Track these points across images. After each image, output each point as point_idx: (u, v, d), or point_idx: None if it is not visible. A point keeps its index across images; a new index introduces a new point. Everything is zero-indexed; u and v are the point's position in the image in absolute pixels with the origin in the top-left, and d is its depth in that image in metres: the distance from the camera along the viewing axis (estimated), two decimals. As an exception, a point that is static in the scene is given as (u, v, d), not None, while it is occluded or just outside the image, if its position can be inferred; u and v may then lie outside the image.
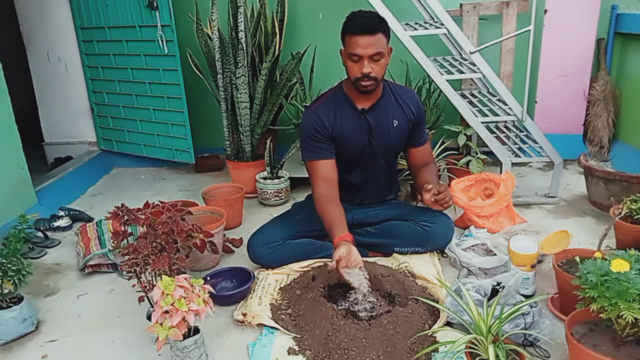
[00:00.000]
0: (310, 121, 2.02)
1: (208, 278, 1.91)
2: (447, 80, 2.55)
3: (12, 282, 1.72)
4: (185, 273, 1.56)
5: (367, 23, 1.85)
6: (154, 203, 1.74)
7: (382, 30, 1.86)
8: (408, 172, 2.42)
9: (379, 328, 1.57)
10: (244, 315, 1.75)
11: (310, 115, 2.04)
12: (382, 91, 2.05)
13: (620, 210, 1.96)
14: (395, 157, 2.26)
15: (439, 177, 2.15)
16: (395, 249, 2.11)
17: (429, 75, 2.62)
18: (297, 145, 2.73)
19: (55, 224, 2.59)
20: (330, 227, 1.86)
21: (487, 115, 2.67)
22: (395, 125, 2.07)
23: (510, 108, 2.62)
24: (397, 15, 2.50)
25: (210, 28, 2.87)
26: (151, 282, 1.61)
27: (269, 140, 2.85)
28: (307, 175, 2.22)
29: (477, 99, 2.94)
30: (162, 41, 3.05)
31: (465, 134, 2.68)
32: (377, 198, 2.23)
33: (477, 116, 2.60)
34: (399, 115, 2.07)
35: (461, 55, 3.03)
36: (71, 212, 2.72)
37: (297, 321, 1.72)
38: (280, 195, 2.83)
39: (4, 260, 1.71)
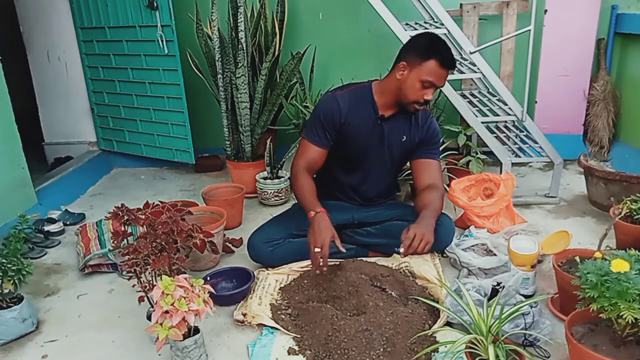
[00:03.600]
0: (327, 106, 2.01)
1: (208, 278, 1.91)
2: (447, 80, 2.54)
3: (12, 282, 1.71)
4: (185, 273, 1.56)
5: (454, 60, 1.91)
6: (154, 203, 1.74)
7: None
8: (409, 171, 2.41)
9: (379, 328, 1.57)
10: (244, 315, 1.75)
11: (329, 100, 2.03)
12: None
13: (620, 210, 1.96)
14: (397, 169, 2.25)
15: (439, 209, 1.99)
16: (396, 249, 2.11)
17: (429, 75, 2.62)
18: (297, 146, 2.73)
19: (47, 228, 2.55)
20: (308, 199, 1.93)
21: (487, 115, 2.67)
22: (403, 140, 2.08)
23: (510, 108, 2.62)
24: (397, 15, 2.51)
25: (210, 28, 2.87)
26: (151, 282, 1.61)
27: (269, 140, 2.85)
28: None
29: (477, 99, 2.94)
30: (162, 41, 3.05)
31: (465, 134, 2.68)
32: (374, 201, 2.23)
33: (477, 116, 2.60)
34: (408, 132, 2.07)
35: (461, 55, 3.03)
36: (67, 217, 2.70)
37: (297, 321, 1.72)
38: (280, 195, 2.83)
39: (4, 260, 1.71)
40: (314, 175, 2.10)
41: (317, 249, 1.77)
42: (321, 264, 1.76)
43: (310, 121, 2.08)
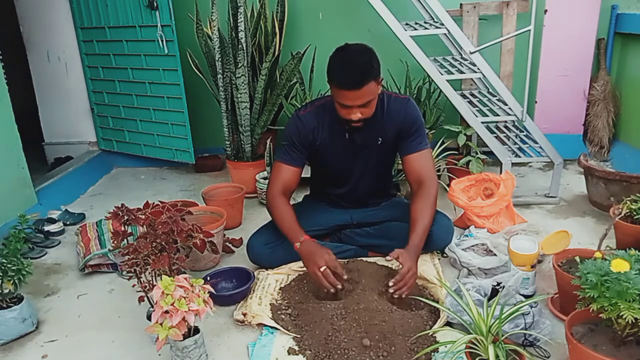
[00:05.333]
0: (293, 126, 1.98)
1: (208, 278, 1.91)
2: (447, 80, 2.55)
3: (12, 282, 1.72)
4: (185, 273, 1.56)
5: (355, 78, 1.72)
6: (154, 203, 1.74)
7: (370, 79, 1.73)
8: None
9: (380, 328, 1.57)
10: (244, 315, 1.75)
11: (294, 120, 1.99)
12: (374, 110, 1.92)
13: (620, 210, 1.96)
14: (385, 168, 2.19)
15: (428, 224, 1.87)
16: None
17: (429, 75, 2.63)
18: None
19: (47, 228, 2.55)
20: (289, 227, 1.88)
21: (487, 115, 2.67)
22: (379, 142, 2.00)
23: (510, 108, 2.61)
24: (397, 15, 2.51)
25: (210, 28, 2.87)
26: (151, 282, 1.61)
27: (269, 140, 2.85)
28: (307, 176, 2.22)
29: (477, 99, 2.94)
30: (162, 41, 3.05)
31: (465, 134, 2.68)
32: (370, 203, 2.21)
33: (477, 116, 2.60)
34: (384, 132, 1.98)
35: (461, 55, 3.03)
36: (67, 217, 2.70)
37: (297, 321, 1.72)
38: (280, 195, 2.83)
39: (4, 260, 1.71)
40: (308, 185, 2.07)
41: (322, 268, 1.69)
42: (332, 281, 1.68)
43: (280, 144, 2.04)
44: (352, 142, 1.99)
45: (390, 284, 1.68)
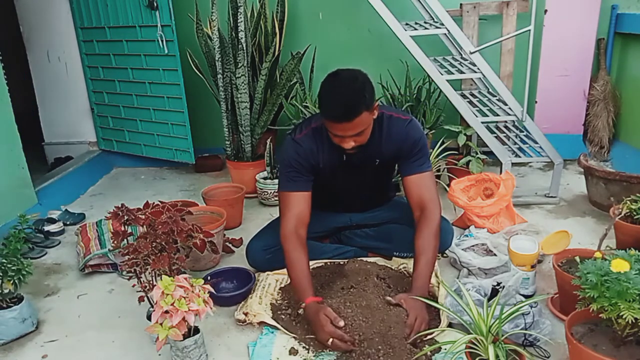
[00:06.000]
0: (292, 151, 1.84)
1: (208, 278, 1.91)
2: (447, 80, 2.55)
3: (12, 282, 1.72)
4: (185, 273, 1.56)
5: (344, 111, 1.62)
6: (154, 203, 1.74)
7: (362, 110, 1.63)
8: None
9: (380, 328, 1.57)
10: (246, 314, 1.75)
11: (292, 144, 1.86)
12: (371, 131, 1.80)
13: (620, 210, 1.95)
14: (383, 180, 2.12)
15: (433, 258, 1.77)
16: (395, 253, 2.10)
17: (429, 75, 2.62)
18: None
19: (47, 228, 2.55)
20: (297, 283, 1.72)
21: (487, 115, 2.67)
22: (377, 163, 1.92)
23: (510, 108, 2.61)
24: (397, 15, 2.50)
25: (210, 28, 2.87)
26: (151, 282, 1.61)
27: (269, 140, 2.85)
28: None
29: (477, 99, 2.94)
30: (162, 41, 3.05)
31: (465, 134, 2.68)
32: (369, 208, 2.19)
33: (477, 116, 2.60)
34: (381, 154, 1.89)
35: (461, 55, 3.03)
36: (67, 217, 2.70)
37: (297, 321, 1.72)
38: (280, 195, 2.83)
39: (4, 260, 1.71)
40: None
41: (329, 341, 1.55)
42: (345, 347, 1.54)
43: (281, 173, 1.89)
44: (349, 162, 1.90)
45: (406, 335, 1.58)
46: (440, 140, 2.83)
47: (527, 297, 1.74)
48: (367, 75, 1.70)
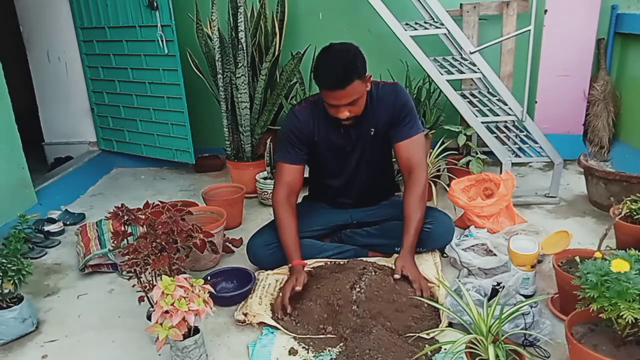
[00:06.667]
0: (290, 123, 2.00)
1: (208, 278, 1.91)
2: (447, 80, 2.55)
3: (12, 282, 1.72)
4: (185, 273, 1.56)
5: (338, 78, 1.75)
6: (154, 203, 1.74)
7: (354, 78, 1.76)
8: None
9: (379, 328, 1.57)
10: (245, 315, 1.75)
11: (290, 116, 2.02)
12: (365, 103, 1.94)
13: (620, 210, 1.95)
14: (383, 158, 2.17)
15: (419, 221, 1.93)
16: (396, 249, 2.11)
17: (429, 75, 2.62)
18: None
19: (47, 228, 2.55)
20: (286, 246, 1.92)
21: (487, 115, 2.67)
22: (372, 133, 2.01)
23: (510, 108, 2.61)
24: (397, 15, 2.50)
25: (210, 28, 2.87)
26: (151, 282, 1.61)
27: (269, 140, 2.85)
28: (307, 176, 2.22)
29: (477, 99, 2.94)
30: (162, 41, 3.05)
31: (465, 134, 2.68)
32: (370, 203, 2.21)
33: (477, 116, 2.60)
34: (374, 122, 1.99)
35: (461, 55, 3.03)
36: (67, 217, 2.70)
37: (297, 321, 1.72)
38: (280, 195, 2.82)
39: (4, 260, 1.71)
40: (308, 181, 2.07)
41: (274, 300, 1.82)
42: (278, 306, 1.77)
43: (278, 143, 2.05)
44: (347, 135, 2.00)
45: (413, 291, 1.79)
46: (440, 140, 2.83)
47: (527, 297, 1.74)
48: (358, 47, 1.84)
